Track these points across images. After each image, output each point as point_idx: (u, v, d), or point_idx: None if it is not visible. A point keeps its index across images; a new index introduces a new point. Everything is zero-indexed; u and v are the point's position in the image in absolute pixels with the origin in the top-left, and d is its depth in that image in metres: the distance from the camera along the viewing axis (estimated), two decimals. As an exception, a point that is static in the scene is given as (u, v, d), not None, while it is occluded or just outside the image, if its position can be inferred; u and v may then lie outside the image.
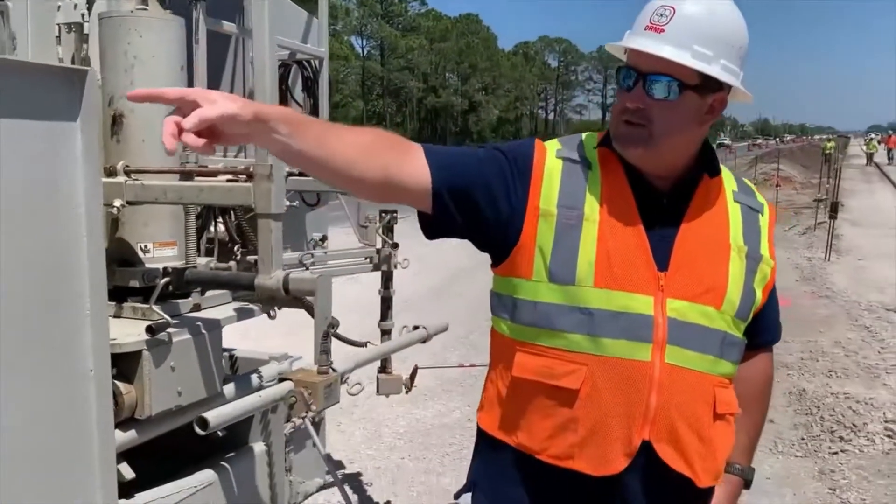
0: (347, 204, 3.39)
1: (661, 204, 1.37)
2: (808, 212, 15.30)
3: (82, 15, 2.43)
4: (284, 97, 3.25)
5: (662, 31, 1.30)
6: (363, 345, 2.79)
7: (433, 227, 1.39)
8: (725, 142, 78.73)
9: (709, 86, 1.33)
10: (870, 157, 37.25)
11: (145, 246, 2.40)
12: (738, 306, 1.37)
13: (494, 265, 1.43)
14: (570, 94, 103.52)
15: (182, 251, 2.43)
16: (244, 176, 2.11)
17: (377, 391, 3.20)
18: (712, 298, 1.35)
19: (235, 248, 2.68)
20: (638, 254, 1.34)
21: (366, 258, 3.21)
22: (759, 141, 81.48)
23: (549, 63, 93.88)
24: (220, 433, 2.47)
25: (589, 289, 1.31)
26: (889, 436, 4.17)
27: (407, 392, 3.23)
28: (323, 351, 1.87)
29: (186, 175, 2.21)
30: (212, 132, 1.16)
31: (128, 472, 2.05)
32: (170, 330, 2.10)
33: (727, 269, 1.38)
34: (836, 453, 4.04)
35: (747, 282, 1.40)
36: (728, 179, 1.48)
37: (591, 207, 1.35)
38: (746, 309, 1.40)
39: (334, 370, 1.87)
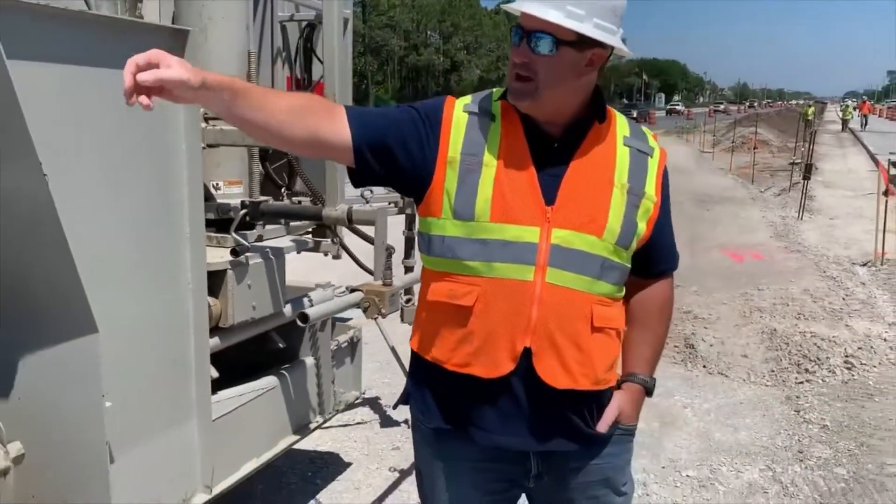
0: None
1: (552, 147, 1.55)
2: (783, 174, 15.82)
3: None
4: (308, 56, 3.55)
5: None
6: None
7: (357, 176, 1.59)
8: (678, 107, 77.51)
9: (585, 42, 1.46)
10: (845, 123, 37.67)
11: (216, 184, 2.76)
12: (619, 235, 1.53)
13: (417, 208, 1.63)
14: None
15: (247, 188, 2.81)
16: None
17: (401, 320, 3.59)
18: (594, 228, 1.52)
19: (282, 189, 3.06)
20: (528, 191, 1.51)
21: (390, 203, 3.58)
22: (722, 107, 78.36)
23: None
24: (280, 345, 2.90)
25: (485, 223, 1.51)
26: (848, 368, 4.67)
27: (378, 323, 3.61)
28: (386, 267, 2.28)
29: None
30: (161, 91, 1.32)
31: (213, 373, 2.45)
32: (247, 254, 2.49)
33: (609, 203, 1.53)
34: (801, 383, 4.53)
35: (628, 214, 1.55)
36: (621, 125, 1.63)
37: (490, 154, 1.53)
38: (627, 238, 1.55)
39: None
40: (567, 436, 1.59)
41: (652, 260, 1.67)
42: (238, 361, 2.75)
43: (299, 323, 2.21)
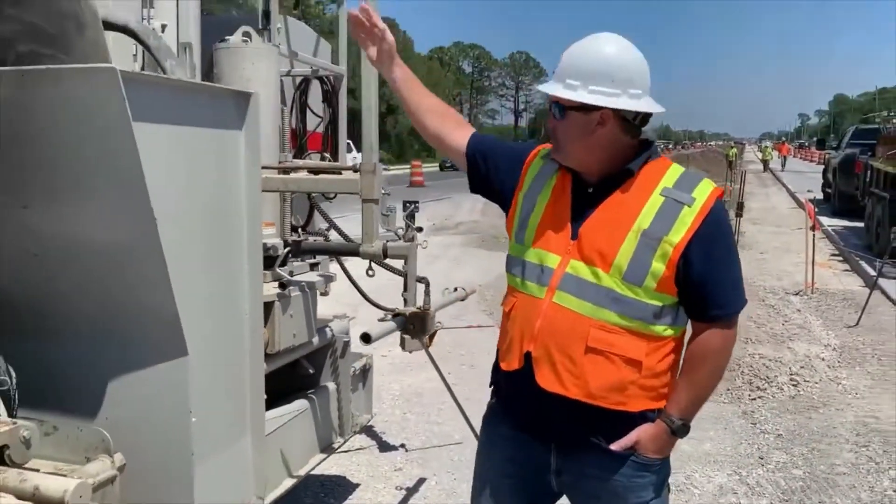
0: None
1: (587, 192, 1.83)
2: (713, 212, 16.73)
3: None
4: (303, 108, 3.89)
5: (561, 75, 1.79)
6: (392, 310, 3.53)
7: (471, 182, 2.07)
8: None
9: (587, 106, 1.75)
10: (765, 163, 39.69)
11: (254, 225, 3.05)
12: (625, 271, 1.73)
13: None
14: (483, 98, 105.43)
15: (279, 229, 3.11)
16: (351, 170, 2.81)
17: (402, 348, 3.89)
18: (602, 262, 1.75)
19: (299, 228, 3.36)
20: (561, 227, 1.82)
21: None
22: (669, 146, 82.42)
23: (464, 69, 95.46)
24: (310, 371, 3.18)
25: (528, 248, 1.86)
26: (794, 385, 5.18)
27: (426, 349, 3.94)
28: (426, 293, 2.62)
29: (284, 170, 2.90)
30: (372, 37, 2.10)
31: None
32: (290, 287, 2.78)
33: (620, 243, 1.74)
34: (754, 399, 5.01)
35: (639, 255, 1.73)
36: (669, 177, 1.82)
37: (545, 193, 1.89)
38: (637, 276, 1.73)
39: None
40: (574, 440, 1.84)
41: (697, 304, 1.79)
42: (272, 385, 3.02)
43: (361, 343, 2.52)
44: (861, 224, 12.92)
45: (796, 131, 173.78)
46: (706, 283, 1.76)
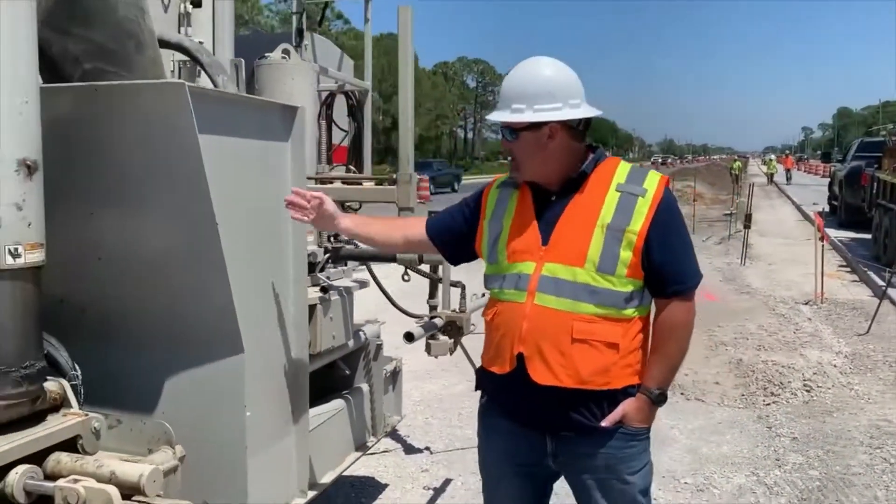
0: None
1: (550, 200, 2.03)
2: (719, 224, 16.90)
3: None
4: (329, 122, 4.04)
5: (505, 102, 2.00)
6: (420, 317, 3.67)
7: (449, 256, 2.34)
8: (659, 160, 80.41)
9: (537, 124, 1.96)
10: (770, 176, 39.62)
11: (292, 233, 3.19)
12: (598, 263, 1.91)
13: None
14: (488, 113, 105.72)
15: (316, 237, 3.25)
16: (387, 181, 2.96)
17: (428, 353, 4.01)
18: (576, 260, 1.93)
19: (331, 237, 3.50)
20: (529, 236, 2.01)
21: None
22: (669, 160, 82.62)
23: (468, 83, 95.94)
24: (346, 372, 3.31)
25: (504, 264, 2.05)
26: (808, 390, 5.28)
27: (451, 354, 4.06)
28: (462, 297, 2.75)
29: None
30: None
31: (303, 393, 2.84)
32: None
33: (589, 240, 1.93)
34: (769, 404, 5.11)
35: (608, 247, 1.92)
36: (620, 173, 2.02)
37: (508, 214, 2.09)
38: (609, 265, 1.92)
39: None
40: (568, 426, 2.00)
41: (660, 282, 1.98)
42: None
43: (405, 342, 2.65)
44: (868, 235, 13.01)
45: (800, 144, 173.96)
46: (666, 263, 1.96)
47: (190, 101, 1.98)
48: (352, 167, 4.00)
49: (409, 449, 4.39)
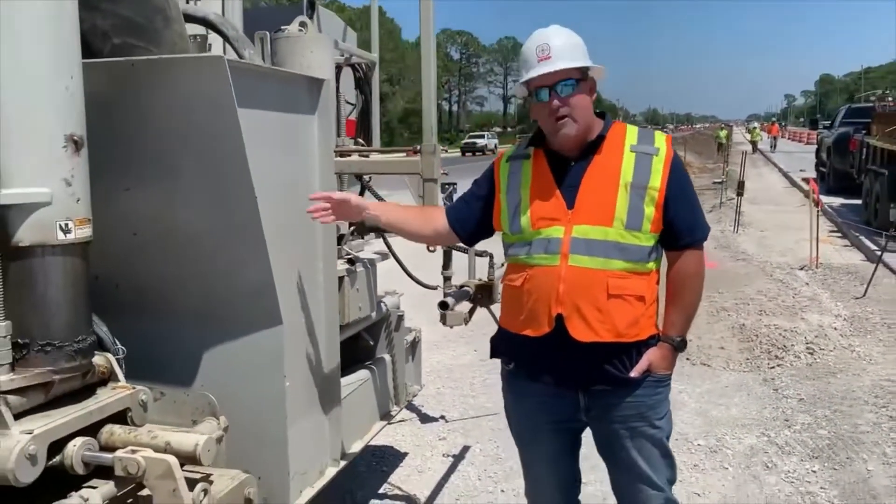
0: (409, 178, 4.23)
1: (570, 166, 2.11)
2: (709, 192, 16.99)
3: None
4: (337, 94, 4.02)
5: (549, 58, 2.04)
6: (434, 287, 3.70)
7: (467, 240, 2.41)
8: None
9: (582, 76, 2.08)
10: (754, 145, 39.46)
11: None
12: (626, 221, 2.02)
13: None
14: (471, 85, 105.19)
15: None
16: (411, 151, 2.97)
17: (443, 323, 4.05)
18: (604, 220, 2.03)
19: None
20: (554, 202, 2.09)
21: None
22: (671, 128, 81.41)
23: (452, 55, 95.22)
24: (371, 342, 3.35)
25: (529, 231, 2.11)
26: (811, 353, 5.38)
27: (466, 324, 4.11)
28: (490, 266, 2.79)
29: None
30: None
31: (331, 364, 2.87)
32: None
33: (615, 199, 2.03)
34: (773, 367, 5.21)
35: (633, 204, 2.03)
36: (630, 136, 2.13)
37: (525, 184, 2.16)
38: (636, 221, 2.03)
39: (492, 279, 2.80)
40: (603, 379, 2.11)
41: (674, 235, 2.10)
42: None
43: (440, 310, 2.69)
44: (857, 201, 13.16)
45: (783, 112, 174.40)
46: (680, 216, 2.09)
47: (229, 75, 1.98)
48: (360, 140, 4.00)
49: (425, 418, 4.45)
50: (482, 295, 2.80)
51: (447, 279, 4.04)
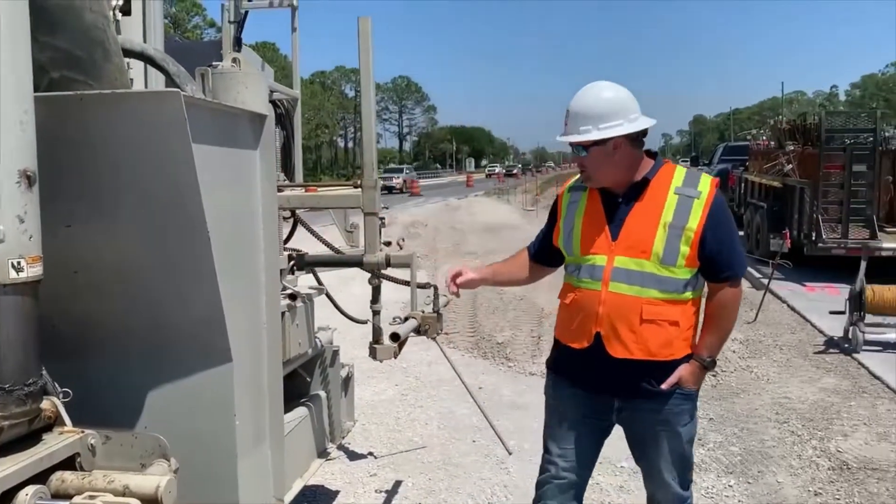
0: (335, 213, 4.25)
1: (618, 202, 2.41)
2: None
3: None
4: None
5: (567, 125, 2.40)
6: (364, 322, 3.73)
7: (549, 265, 2.75)
8: (495, 170, 77.50)
9: (603, 140, 2.34)
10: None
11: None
12: (662, 257, 2.30)
13: None
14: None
15: (273, 245, 3.24)
16: (352, 186, 3.00)
17: (373, 358, 4.04)
18: (643, 253, 2.33)
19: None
20: (601, 234, 2.41)
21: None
22: (515, 171, 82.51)
23: (347, 93, 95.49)
24: (308, 379, 3.32)
25: (579, 256, 2.45)
26: (714, 375, 5.65)
27: (395, 357, 4.12)
28: (436, 296, 2.85)
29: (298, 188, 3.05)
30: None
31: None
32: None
33: (654, 237, 2.31)
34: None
35: (670, 243, 2.30)
36: (677, 178, 2.40)
37: (579, 214, 2.49)
38: (671, 258, 2.30)
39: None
40: (635, 391, 2.40)
41: (713, 270, 2.37)
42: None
43: (389, 342, 2.71)
44: (740, 232, 14.05)
45: (661, 150, 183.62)
46: (718, 254, 2.34)
47: (185, 111, 1.98)
48: (282, 175, 4.00)
49: (353, 455, 4.41)
50: (429, 326, 2.84)
51: (376, 313, 4.07)
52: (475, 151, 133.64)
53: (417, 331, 2.91)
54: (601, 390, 2.45)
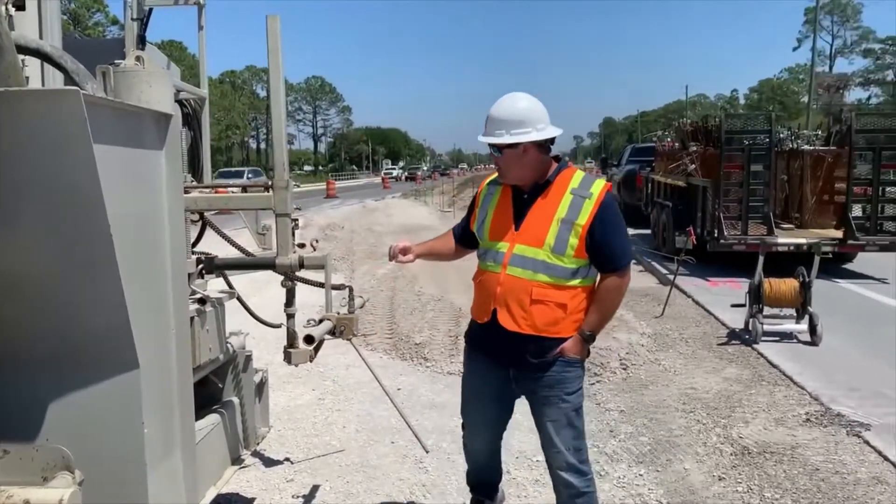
0: (246, 215, 4.16)
1: (524, 198, 2.80)
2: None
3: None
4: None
5: (490, 128, 2.73)
6: (278, 326, 3.68)
7: (469, 246, 3.14)
8: (417, 172, 69.90)
9: (513, 144, 2.71)
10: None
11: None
12: (553, 246, 2.68)
13: None
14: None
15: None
16: (263, 187, 2.96)
17: (288, 362, 3.98)
18: (537, 243, 2.71)
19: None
20: (506, 224, 2.81)
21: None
22: (458, 169, 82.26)
23: (258, 93, 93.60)
24: (220, 385, 3.24)
25: (487, 242, 2.86)
26: (624, 368, 5.88)
27: (311, 361, 4.07)
28: (351, 298, 2.83)
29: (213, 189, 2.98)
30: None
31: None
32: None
33: (548, 229, 2.70)
34: (594, 384, 5.62)
35: (560, 234, 2.68)
36: (574, 180, 2.77)
37: (492, 205, 2.90)
38: (561, 248, 2.68)
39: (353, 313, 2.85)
40: (526, 362, 2.78)
41: (600, 261, 2.75)
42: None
43: (303, 345, 2.67)
44: (646, 231, 14.55)
45: (573, 151, 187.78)
46: (604, 247, 2.70)
47: (84, 110, 1.91)
48: (189, 176, 3.90)
49: (269, 462, 4.33)
50: (345, 327, 2.83)
51: (290, 317, 4.02)
52: (391, 153, 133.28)
53: (333, 332, 2.89)
54: (499, 361, 2.85)
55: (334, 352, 6.79)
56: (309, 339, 2.66)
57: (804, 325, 6.82)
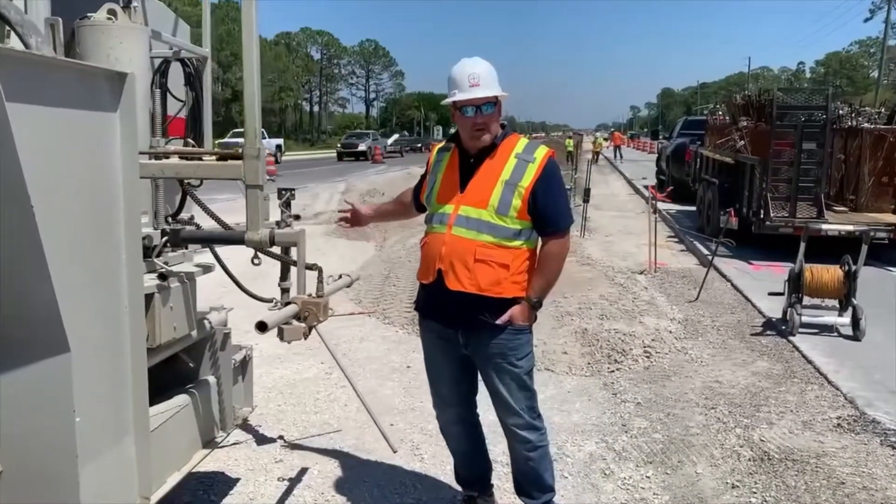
0: (242, 185, 3.96)
1: (470, 162, 2.86)
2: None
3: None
4: (164, 91, 3.72)
5: (478, 85, 2.74)
6: (270, 300, 3.47)
7: (420, 209, 3.22)
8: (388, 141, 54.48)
9: (496, 100, 2.79)
10: (596, 154, 34.82)
11: (124, 214, 2.89)
12: (497, 207, 2.75)
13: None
14: (333, 87, 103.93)
15: (151, 218, 2.96)
16: (213, 155, 2.73)
17: (281, 339, 3.80)
18: (481, 204, 2.77)
19: (169, 217, 3.22)
20: (453, 186, 2.87)
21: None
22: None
23: (313, 55, 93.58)
24: (190, 364, 3.07)
25: (435, 205, 2.91)
26: (647, 356, 5.57)
27: (305, 339, 3.89)
28: (319, 281, 2.60)
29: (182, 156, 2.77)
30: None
31: (140, 390, 2.58)
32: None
33: (492, 191, 2.76)
34: (613, 371, 5.34)
35: (504, 196, 2.75)
36: (519, 146, 2.85)
37: (441, 170, 2.95)
38: (504, 208, 2.75)
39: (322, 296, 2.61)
40: (473, 323, 2.82)
41: (541, 224, 2.82)
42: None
43: (257, 332, 2.46)
44: (693, 208, 14.00)
45: (629, 122, 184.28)
46: (544, 209, 2.78)
47: (-6, 65, 1.70)
48: (190, 140, 3.70)
49: (262, 439, 4.19)
50: (310, 313, 2.60)
51: (285, 291, 3.83)
52: (443, 119, 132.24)
53: (298, 318, 2.66)
54: (447, 324, 2.90)
55: (349, 323, 6.63)
56: (261, 326, 2.43)
57: (846, 319, 6.36)
